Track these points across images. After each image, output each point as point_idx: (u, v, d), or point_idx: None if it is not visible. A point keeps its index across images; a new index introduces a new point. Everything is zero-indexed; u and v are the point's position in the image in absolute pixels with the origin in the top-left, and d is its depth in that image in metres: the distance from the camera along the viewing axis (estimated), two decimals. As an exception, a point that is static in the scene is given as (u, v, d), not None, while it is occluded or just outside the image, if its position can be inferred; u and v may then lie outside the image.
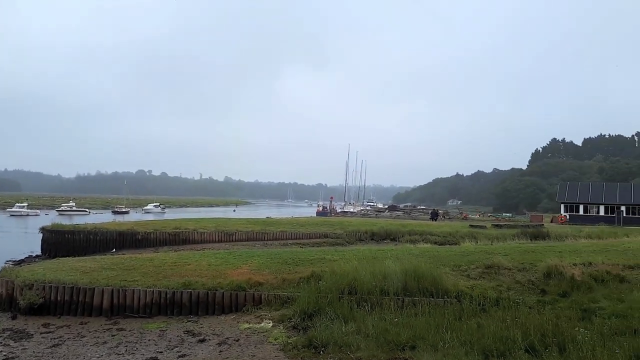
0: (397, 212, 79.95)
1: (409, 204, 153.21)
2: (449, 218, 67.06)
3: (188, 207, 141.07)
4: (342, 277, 10.38)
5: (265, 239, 29.40)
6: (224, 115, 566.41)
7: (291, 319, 9.20)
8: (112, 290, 10.56)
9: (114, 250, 24.88)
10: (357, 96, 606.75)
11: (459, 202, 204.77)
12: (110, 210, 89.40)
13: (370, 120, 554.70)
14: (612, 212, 56.97)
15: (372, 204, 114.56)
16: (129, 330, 9.26)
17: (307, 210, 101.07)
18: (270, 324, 9.21)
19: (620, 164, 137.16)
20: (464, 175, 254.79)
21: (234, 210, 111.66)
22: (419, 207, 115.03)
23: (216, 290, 10.60)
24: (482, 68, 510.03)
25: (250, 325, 9.24)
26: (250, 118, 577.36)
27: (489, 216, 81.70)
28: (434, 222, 49.66)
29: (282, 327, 8.93)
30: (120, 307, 10.48)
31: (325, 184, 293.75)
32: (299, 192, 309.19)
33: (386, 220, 50.22)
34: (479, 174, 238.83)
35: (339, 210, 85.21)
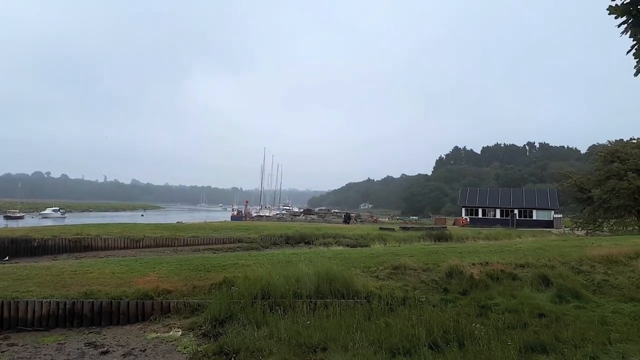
0: (312, 216, 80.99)
1: (323, 207, 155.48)
2: (361, 221, 69.18)
3: (91, 211, 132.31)
4: (256, 281, 10.28)
5: (176, 244, 28.37)
6: (130, 117, 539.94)
7: (202, 326, 8.94)
8: (3, 302, 9.57)
9: (7, 258, 22.67)
10: (271, 100, 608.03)
11: (371, 205, 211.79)
12: (2, 216, 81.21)
13: (286, 125, 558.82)
14: (507, 215, 62.12)
15: (288, 207, 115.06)
16: (22, 345, 8.45)
17: (222, 215, 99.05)
18: (180, 333, 8.88)
19: (514, 170, 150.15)
20: (375, 180, 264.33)
21: (142, 215, 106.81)
22: (333, 210, 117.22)
23: (121, 299, 10.01)
24: (392, 78, 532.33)
25: (158, 334, 8.84)
26: (159, 119, 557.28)
27: (398, 219, 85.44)
28: (346, 225, 50.91)
29: (192, 335, 8.64)
30: (12, 321, 9.50)
31: (241, 188, 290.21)
32: (213, 196, 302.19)
33: (301, 223, 50.59)
34: (388, 179, 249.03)
35: (255, 214, 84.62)
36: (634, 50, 3.56)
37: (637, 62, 3.59)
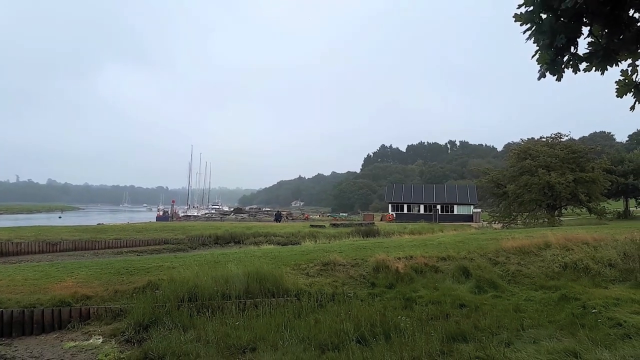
0: (242, 215, 80.00)
1: (254, 206, 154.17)
2: (292, 219, 69.37)
3: (2, 214, 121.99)
4: (182, 284, 9.98)
5: (97, 247, 26.95)
6: (38, 112, 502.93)
7: (124, 332, 8.52)
8: None
9: None
10: (199, 98, 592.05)
11: (302, 203, 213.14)
12: None
13: (214, 123, 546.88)
14: (430, 210, 64.89)
15: (217, 206, 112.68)
16: None
17: (146, 215, 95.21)
18: (101, 340, 8.41)
19: (437, 168, 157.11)
20: (306, 178, 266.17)
21: (60, 217, 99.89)
22: (264, 209, 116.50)
23: (34, 307, 9.31)
24: (317, 77, 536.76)
25: (77, 343, 8.32)
26: (73, 115, 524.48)
27: (328, 216, 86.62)
28: (278, 223, 50.86)
29: (114, 342, 8.22)
30: None
31: (167, 187, 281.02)
32: (137, 196, 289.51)
33: (231, 223, 49.85)
34: (319, 177, 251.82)
35: (182, 214, 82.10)
36: (537, 56, 3.75)
37: (540, 67, 3.80)
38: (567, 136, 40.06)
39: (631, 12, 3.46)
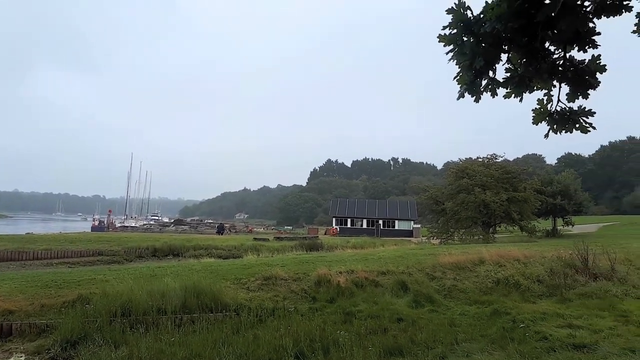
0: (183, 227, 77.89)
1: (196, 217, 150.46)
2: (236, 231, 68.34)
3: None
4: (115, 298, 9.55)
5: (24, 258, 25.23)
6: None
7: (50, 349, 8.02)
8: None
9: None
10: (139, 105, 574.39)
11: (246, 215, 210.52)
12: None
13: (156, 132, 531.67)
14: (373, 225, 66.00)
15: (157, 217, 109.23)
16: None
17: (81, 225, 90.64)
18: (23, 358, 7.86)
19: (380, 183, 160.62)
20: (252, 190, 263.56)
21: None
22: (206, 220, 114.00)
23: (-53, 324, 8.59)
24: (269, 88, 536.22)
25: (-5, 362, 7.75)
26: (3, 117, 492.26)
27: (273, 229, 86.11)
28: (220, 236, 49.88)
29: (37, 360, 7.72)
30: None
31: (104, 196, 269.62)
32: (72, 204, 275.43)
33: (171, 235, 48.38)
34: (265, 189, 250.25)
35: (119, 224, 78.77)
36: (458, 77, 3.93)
37: (460, 87, 3.99)
38: (501, 157, 42.22)
39: (547, 44, 3.70)
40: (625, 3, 3.35)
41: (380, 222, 66.04)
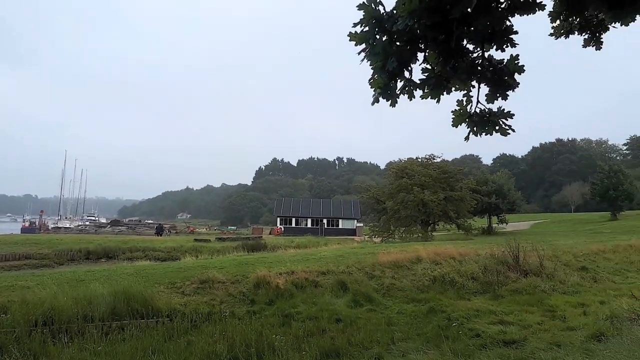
0: (120, 227, 74.74)
1: (135, 218, 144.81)
2: (176, 232, 66.49)
3: None
4: (36, 306, 8.88)
5: (-63, 264, 23.25)
6: None
7: (-44, 366, 7.34)
8: None
9: None
10: (73, 100, 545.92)
11: (189, 215, 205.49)
12: None
13: (92, 128, 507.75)
14: (317, 224, 66.29)
15: (93, 218, 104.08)
16: None
17: (10, 227, 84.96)
18: None
19: (325, 183, 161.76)
20: (195, 189, 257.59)
21: None
22: (145, 221, 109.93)
23: None
24: (212, 84, 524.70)
25: None
26: None
27: (216, 229, 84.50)
28: (159, 237, 48.29)
29: (-59, 379, 7.02)
30: None
31: (36, 195, 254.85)
32: (1, 205, 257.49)
33: (106, 236, 46.35)
34: (208, 188, 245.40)
35: (52, 225, 74.61)
36: (372, 80, 3.64)
37: (374, 91, 3.67)
38: (440, 157, 43.62)
39: (464, 42, 3.55)
40: (538, 1, 3.29)
41: (325, 221, 66.48)
